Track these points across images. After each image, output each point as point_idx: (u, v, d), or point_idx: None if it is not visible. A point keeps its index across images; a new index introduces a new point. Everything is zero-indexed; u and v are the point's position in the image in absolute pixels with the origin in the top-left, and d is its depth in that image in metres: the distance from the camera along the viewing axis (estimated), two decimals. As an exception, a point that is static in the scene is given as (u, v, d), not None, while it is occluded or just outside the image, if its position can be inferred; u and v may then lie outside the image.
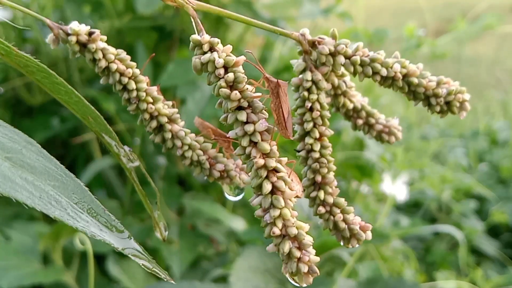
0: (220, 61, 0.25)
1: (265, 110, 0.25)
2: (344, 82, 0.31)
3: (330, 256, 0.95)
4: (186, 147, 0.30)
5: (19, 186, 0.20)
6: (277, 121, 0.26)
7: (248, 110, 0.25)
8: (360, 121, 0.33)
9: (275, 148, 0.25)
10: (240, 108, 0.25)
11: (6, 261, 0.94)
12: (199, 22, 0.26)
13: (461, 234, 1.32)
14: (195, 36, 0.26)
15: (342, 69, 0.29)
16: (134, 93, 0.29)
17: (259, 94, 0.25)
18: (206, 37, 0.26)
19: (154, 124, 0.30)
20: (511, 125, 2.06)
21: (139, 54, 1.12)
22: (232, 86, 0.25)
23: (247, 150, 0.25)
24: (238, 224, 1.09)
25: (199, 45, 0.26)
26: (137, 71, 0.29)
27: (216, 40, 0.26)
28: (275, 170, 0.24)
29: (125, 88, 0.29)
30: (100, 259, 1.09)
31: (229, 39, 1.25)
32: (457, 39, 1.57)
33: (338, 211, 0.28)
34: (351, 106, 0.32)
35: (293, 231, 0.24)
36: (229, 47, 0.26)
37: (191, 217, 1.14)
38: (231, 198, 0.31)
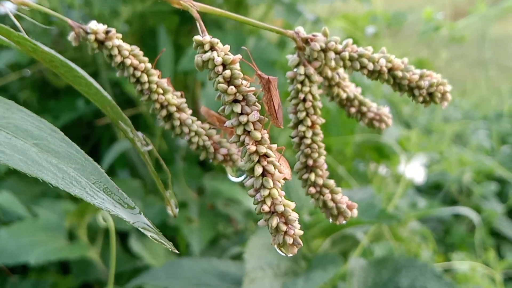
0: (218, 59, 0.29)
1: (257, 103, 0.29)
2: (338, 74, 0.35)
3: (343, 236, 0.98)
4: (193, 133, 0.34)
5: (45, 168, 0.24)
6: (268, 112, 0.29)
7: (242, 103, 0.28)
8: (353, 109, 0.36)
9: (266, 136, 0.28)
10: (235, 101, 0.29)
11: (33, 237, 0.98)
12: (202, 23, 0.30)
13: (477, 217, 1.33)
14: (197, 37, 0.30)
15: (333, 63, 0.32)
16: (146, 85, 0.32)
17: (253, 88, 0.29)
18: (207, 38, 0.30)
19: (164, 112, 0.33)
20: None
21: (161, 37, 1.16)
22: (229, 81, 0.29)
23: (241, 138, 0.28)
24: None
25: (201, 44, 0.30)
26: (149, 65, 0.33)
27: (216, 40, 0.29)
28: (266, 155, 0.28)
29: (138, 80, 0.32)
30: (123, 236, 1.13)
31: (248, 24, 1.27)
32: (482, 20, 1.57)
33: (327, 191, 0.32)
34: (344, 95, 0.35)
35: (280, 208, 0.27)
36: (227, 47, 0.29)
37: (211, 196, 1.18)
38: (234, 179, 0.35)
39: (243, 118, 0.28)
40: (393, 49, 1.78)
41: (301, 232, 0.27)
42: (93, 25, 0.32)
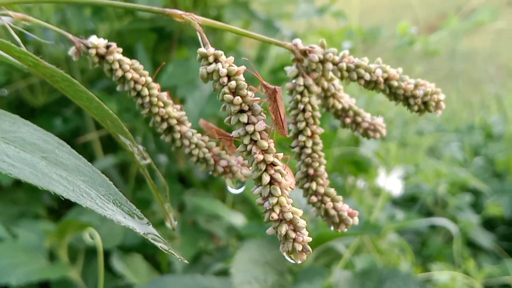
0: (223, 71, 0.29)
1: (263, 112, 0.29)
2: (333, 85, 0.35)
3: (326, 249, 0.98)
4: (193, 146, 0.34)
5: (55, 181, 0.24)
6: (275, 122, 0.30)
7: (248, 113, 0.29)
8: (348, 120, 0.37)
9: (272, 145, 0.29)
10: (241, 111, 0.29)
11: (14, 259, 0.97)
12: (205, 36, 0.30)
13: (455, 227, 1.34)
14: (202, 49, 0.30)
15: (331, 74, 0.33)
16: (147, 99, 0.33)
17: (258, 98, 0.29)
18: (211, 50, 0.30)
19: (164, 125, 0.34)
20: (506, 119, 2.09)
21: (139, 55, 1.16)
22: (235, 92, 0.29)
23: (248, 147, 0.29)
24: (238, 219, 1.12)
25: (205, 57, 0.30)
26: (150, 79, 0.33)
27: (220, 52, 0.30)
28: (273, 164, 0.28)
29: (139, 94, 0.33)
30: (104, 255, 1.12)
31: (226, 39, 1.28)
32: (452, 35, 1.60)
33: (329, 199, 0.32)
34: (339, 106, 0.36)
35: (289, 215, 0.27)
36: (231, 59, 0.30)
37: (192, 213, 1.18)
38: (233, 191, 0.35)
39: (250, 128, 0.29)
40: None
41: (310, 239, 0.27)
42: (94, 39, 0.32)
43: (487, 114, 2.35)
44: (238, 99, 0.29)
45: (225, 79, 0.29)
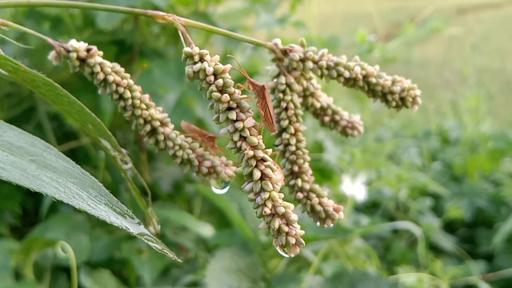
0: (210, 69, 0.29)
1: (251, 110, 0.30)
2: (312, 84, 0.36)
3: (296, 257, 0.99)
4: (177, 147, 0.34)
5: (46, 183, 0.24)
6: (264, 118, 0.30)
7: (237, 110, 0.29)
8: (327, 118, 0.37)
9: (261, 141, 0.29)
10: (229, 108, 0.29)
11: (-22, 279, 0.95)
12: (188, 36, 0.30)
13: (419, 230, 1.36)
14: (187, 49, 0.30)
15: (310, 72, 0.33)
16: (130, 101, 0.33)
17: (245, 96, 0.30)
18: (196, 49, 0.30)
19: (148, 128, 0.33)
20: (461, 124, 2.13)
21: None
22: (222, 90, 0.29)
23: (238, 143, 0.29)
24: (206, 230, 1.12)
25: (190, 56, 0.30)
26: (131, 81, 0.33)
27: (205, 51, 0.30)
28: (263, 160, 0.29)
29: (121, 97, 0.33)
30: (70, 272, 1.10)
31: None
32: (407, 43, 1.63)
33: (314, 195, 0.33)
34: (318, 105, 0.37)
35: (281, 210, 0.28)
36: (216, 57, 0.30)
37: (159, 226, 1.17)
38: (218, 191, 0.35)
39: (239, 125, 0.29)
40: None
41: (303, 232, 0.27)
42: (74, 43, 0.32)
43: (443, 120, 2.40)
44: (226, 97, 0.29)
45: (212, 78, 0.29)
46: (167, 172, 1.24)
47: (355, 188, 1.30)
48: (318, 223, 0.33)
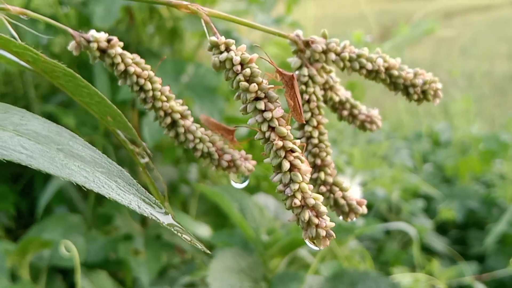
0: (237, 59, 0.29)
1: (278, 99, 0.29)
2: (331, 77, 0.36)
3: (295, 257, 0.99)
4: (197, 140, 0.33)
5: (75, 172, 0.23)
6: (292, 108, 0.30)
7: (265, 100, 0.29)
8: (345, 112, 0.37)
9: (290, 131, 0.29)
10: (257, 98, 0.29)
11: (-27, 280, 0.94)
12: (213, 25, 0.30)
13: (414, 230, 1.37)
14: (213, 38, 0.30)
15: (332, 64, 0.33)
16: (150, 93, 0.32)
17: (272, 86, 0.29)
18: (222, 39, 0.30)
19: (168, 120, 0.33)
20: (452, 126, 2.14)
21: (95, 68, 1.14)
22: (249, 79, 0.29)
23: (267, 134, 0.28)
24: (203, 230, 1.11)
25: (216, 45, 0.30)
26: (152, 73, 0.32)
27: (232, 41, 0.30)
28: (291, 151, 0.28)
29: (141, 88, 0.32)
30: (65, 273, 1.09)
31: (184, 51, 1.28)
32: (397, 46, 1.64)
33: (337, 189, 0.32)
34: (337, 99, 0.36)
35: (311, 201, 0.27)
36: (243, 47, 0.30)
37: (156, 227, 1.16)
38: (238, 185, 0.34)
39: (268, 115, 0.28)
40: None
41: (333, 224, 0.27)
42: (95, 33, 0.31)
43: (433, 122, 2.40)
44: (254, 86, 0.28)
45: (239, 67, 0.29)
46: (162, 173, 1.23)
47: (351, 190, 1.30)
48: (341, 217, 0.32)
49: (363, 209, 0.32)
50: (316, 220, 0.27)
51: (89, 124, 1.17)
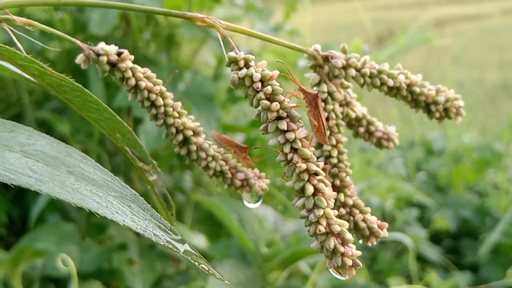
0: (257, 75, 0.27)
1: (301, 119, 0.28)
2: (348, 93, 0.34)
3: (294, 270, 0.97)
4: (210, 158, 0.32)
5: (87, 197, 0.22)
6: (316, 129, 0.28)
7: (287, 119, 0.27)
8: (361, 129, 0.35)
9: (313, 153, 0.27)
10: (279, 117, 0.27)
11: (-35, 290, 0.92)
12: (231, 40, 0.28)
13: (409, 240, 1.36)
14: (232, 54, 0.28)
15: (351, 80, 0.32)
16: (162, 109, 0.31)
17: (293, 104, 0.28)
18: (242, 54, 0.28)
19: (180, 137, 0.31)
20: (445, 135, 2.14)
21: (90, 74, 1.12)
22: (270, 98, 0.27)
23: (289, 156, 0.27)
24: (199, 240, 1.10)
25: (235, 61, 0.28)
26: (164, 88, 0.31)
27: (251, 56, 0.28)
28: (315, 174, 0.27)
29: (153, 104, 0.30)
30: (60, 282, 1.08)
31: (181, 58, 1.26)
32: (391, 54, 1.63)
33: (357, 211, 0.31)
34: (353, 115, 0.35)
35: (337, 228, 0.26)
36: (264, 63, 0.28)
37: (150, 236, 1.14)
38: (251, 205, 0.33)
39: (291, 135, 0.27)
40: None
41: (360, 253, 0.25)
42: (104, 46, 0.30)
43: (426, 131, 2.40)
44: (276, 105, 0.27)
45: (259, 84, 0.27)
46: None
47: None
48: (361, 241, 0.31)
49: (385, 233, 0.31)
50: (342, 249, 0.25)
51: (83, 131, 1.15)
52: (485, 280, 1.44)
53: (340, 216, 0.31)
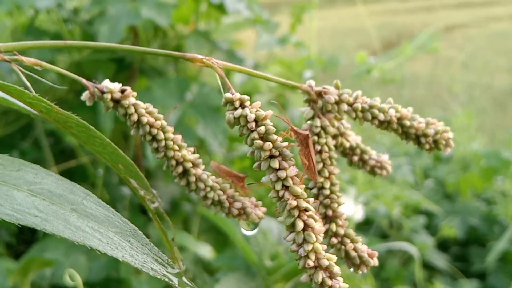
0: (252, 116, 0.29)
1: (293, 158, 0.29)
2: (342, 124, 0.36)
3: (298, 283, 0.99)
4: (208, 189, 0.33)
5: (89, 234, 0.23)
6: (307, 167, 0.30)
7: (279, 158, 0.29)
8: (355, 158, 0.37)
9: (303, 190, 0.29)
10: (272, 156, 0.29)
11: (-25, 300, 0.93)
12: (227, 80, 0.30)
13: (415, 250, 1.36)
14: (228, 95, 0.30)
15: (346, 114, 0.33)
16: (163, 143, 0.32)
17: (286, 143, 0.29)
18: (237, 95, 0.30)
19: (180, 169, 0.33)
20: (454, 141, 2.13)
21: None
22: (264, 137, 0.29)
23: (280, 193, 0.28)
24: (205, 250, 1.11)
25: (231, 101, 0.30)
26: (165, 122, 0.32)
27: (246, 97, 0.30)
28: (306, 210, 0.28)
29: (154, 138, 0.32)
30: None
31: (188, 69, 1.28)
32: (399, 61, 1.64)
33: (349, 241, 0.32)
34: (347, 145, 0.36)
35: (325, 262, 0.27)
36: (258, 103, 0.30)
37: (157, 246, 1.15)
38: (248, 233, 0.34)
39: (282, 174, 0.28)
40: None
41: (346, 286, 0.27)
42: (109, 84, 0.31)
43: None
44: (268, 145, 0.28)
45: (253, 124, 0.29)
46: (164, 190, 1.23)
47: (354, 208, 1.30)
48: (351, 269, 0.32)
49: (375, 261, 0.32)
50: (329, 282, 0.27)
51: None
52: (493, 288, 1.45)
53: (332, 245, 0.32)
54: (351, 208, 1.23)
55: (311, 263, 0.27)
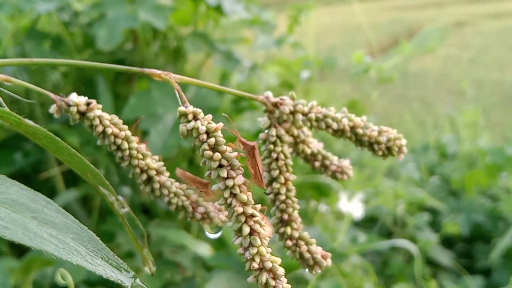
0: (203, 128, 0.31)
1: (241, 167, 0.31)
2: (302, 132, 0.38)
3: (294, 276, 1.00)
4: (172, 195, 0.36)
5: (46, 240, 0.25)
6: (254, 176, 0.32)
7: (228, 168, 0.31)
8: (317, 164, 0.39)
9: (250, 197, 0.31)
10: (221, 166, 0.31)
11: (-24, 298, 0.96)
12: (183, 94, 0.32)
13: (415, 248, 1.37)
14: (181, 108, 0.32)
15: (300, 123, 0.35)
16: (127, 152, 0.34)
17: (235, 154, 0.31)
18: (190, 108, 0.32)
19: (144, 177, 0.35)
20: (459, 138, 2.13)
21: (100, 87, 1.16)
22: (214, 148, 0.31)
23: (228, 200, 0.31)
24: (204, 249, 1.13)
25: (184, 115, 0.32)
26: (129, 132, 0.34)
27: (199, 110, 0.32)
28: (252, 216, 0.30)
29: (119, 148, 0.34)
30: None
31: (187, 70, 1.30)
32: (404, 58, 1.65)
33: (303, 243, 0.34)
34: (309, 151, 0.38)
35: (269, 264, 0.29)
36: (209, 116, 0.32)
37: (157, 244, 1.18)
38: (212, 236, 0.36)
39: (230, 182, 0.30)
40: (327, 92, 1.85)
41: (289, 286, 0.29)
42: (75, 97, 0.33)
43: (440, 134, 2.39)
44: (217, 155, 0.30)
45: (204, 136, 0.31)
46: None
47: (352, 206, 1.31)
48: (306, 270, 0.34)
49: (328, 262, 0.34)
50: (273, 282, 0.29)
51: (93, 143, 1.19)
52: (497, 285, 1.45)
53: (287, 248, 0.34)
54: (348, 205, 1.24)
55: (255, 265, 0.29)
